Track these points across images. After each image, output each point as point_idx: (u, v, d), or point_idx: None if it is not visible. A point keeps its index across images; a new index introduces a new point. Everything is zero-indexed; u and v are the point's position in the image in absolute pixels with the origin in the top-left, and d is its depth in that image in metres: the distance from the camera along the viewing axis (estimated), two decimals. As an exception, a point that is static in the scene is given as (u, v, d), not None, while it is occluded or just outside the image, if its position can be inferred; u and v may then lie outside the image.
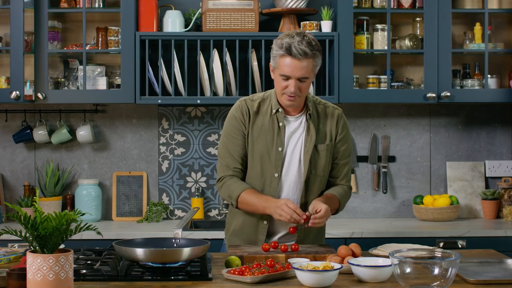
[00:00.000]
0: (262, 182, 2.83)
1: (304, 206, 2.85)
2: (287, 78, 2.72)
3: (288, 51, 2.69)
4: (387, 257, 2.35)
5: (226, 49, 3.89)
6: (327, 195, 2.84)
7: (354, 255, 2.47)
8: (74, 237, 2.75)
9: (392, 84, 4.07)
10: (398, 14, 4.14)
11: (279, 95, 2.80)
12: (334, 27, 3.97)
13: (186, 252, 2.32)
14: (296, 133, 2.84)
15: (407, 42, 4.03)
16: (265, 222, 2.84)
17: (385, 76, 4.03)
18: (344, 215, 4.23)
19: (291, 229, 2.72)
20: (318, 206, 2.69)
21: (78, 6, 3.96)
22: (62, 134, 4.09)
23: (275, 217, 2.70)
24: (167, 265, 2.32)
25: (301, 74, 2.71)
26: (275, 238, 2.87)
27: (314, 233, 2.92)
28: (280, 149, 2.81)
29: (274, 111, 2.83)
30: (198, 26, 4.05)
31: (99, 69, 4.07)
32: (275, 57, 2.74)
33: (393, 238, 3.63)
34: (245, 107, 2.86)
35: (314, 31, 3.96)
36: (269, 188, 2.82)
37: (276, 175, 2.82)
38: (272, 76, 2.82)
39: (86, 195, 4.05)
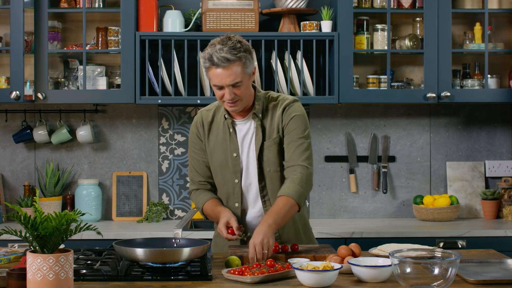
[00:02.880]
0: (225, 189, 2.86)
1: (264, 204, 2.84)
2: (221, 87, 2.71)
3: (211, 62, 2.67)
4: (387, 257, 2.35)
5: (226, 49, 3.89)
6: (275, 210, 2.66)
7: (354, 255, 2.47)
8: (74, 237, 2.76)
9: (392, 84, 4.07)
10: (398, 14, 4.14)
11: (222, 103, 2.79)
12: (334, 27, 3.97)
13: (186, 252, 2.32)
14: (247, 136, 2.84)
15: (407, 42, 4.03)
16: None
17: (385, 76, 4.03)
18: (344, 215, 4.24)
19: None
20: (250, 246, 2.54)
21: (78, 6, 3.96)
22: (62, 134, 4.09)
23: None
24: (167, 265, 2.32)
25: (231, 81, 2.67)
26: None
27: (290, 232, 2.89)
28: (235, 154, 2.83)
29: (224, 118, 2.84)
30: (198, 26, 4.05)
31: (99, 69, 4.07)
32: (205, 70, 2.74)
33: (393, 238, 3.63)
34: (200, 120, 2.90)
35: (314, 31, 3.96)
36: (232, 194, 2.85)
37: (236, 181, 2.84)
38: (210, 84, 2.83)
39: (86, 195, 4.05)
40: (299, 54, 3.90)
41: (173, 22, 3.96)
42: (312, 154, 2.82)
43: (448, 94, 3.93)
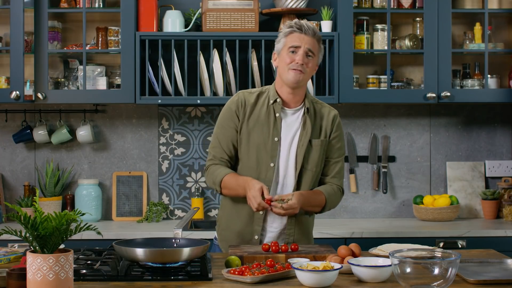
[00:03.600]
0: (257, 172, 2.84)
1: None
2: (295, 48, 2.78)
3: (298, 27, 2.79)
4: (387, 257, 2.35)
5: (226, 49, 3.89)
6: (314, 190, 2.88)
7: (354, 255, 2.47)
8: (74, 237, 2.76)
9: (392, 84, 4.07)
10: (398, 14, 4.14)
11: (285, 71, 2.81)
12: (334, 27, 3.97)
13: (186, 252, 2.32)
14: (292, 126, 2.87)
15: (407, 42, 4.03)
16: (261, 212, 2.85)
17: (385, 76, 4.03)
18: (344, 215, 4.24)
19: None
20: (286, 196, 2.73)
21: (78, 6, 3.96)
22: (62, 134, 4.09)
23: (248, 202, 2.76)
24: (167, 265, 2.32)
25: (309, 46, 2.79)
26: (269, 231, 2.88)
27: (300, 235, 2.91)
28: (276, 139, 2.84)
29: (271, 101, 2.85)
30: (198, 26, 4.05)
31: (99, 69, 4.07)
32: (282, 38, 2.82)
33: (393, 238, 3.63)
34: (242, 99, 2.89)
35: (314, 31, 3.96)
36: (264, 177, 2.83)
37: (272, 164, 2.83)
38: (275, 64, 2.87)
39: (86, 195, 4.05)
40: (299, 54, 3.90)
41: (173, 22, 3.96)
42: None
43: (448, 94, 3.93)
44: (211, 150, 2.92)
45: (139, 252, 2.29)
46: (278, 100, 2.85)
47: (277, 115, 2.85)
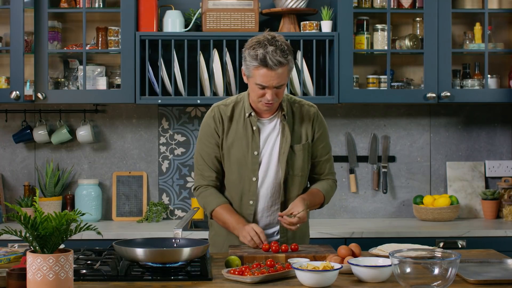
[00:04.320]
0: (241, 187, 2.84)
1: (283, 206, 2.86)
2: (263, 87, 2.71)
3: (264, 63, 2.66)
4: (387, 257, 2.35)
5: (226, 49, 3.90)
6: (312, 191, 2.89)
7: (354, 255, 2.47)
8: (74, 237, 2.76)
9: (392, 84, 4.07)
10: (398, 14, 4.14)
11: (255, 102, 2.78)
12: (334, 27, 3.97)
13: (186, 252, 2.32)
14: (271, 135, 2.84)
15: (407, 42, 4.03)
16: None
17: (385, 76, 4.03)
18: (344, 215, 4.24)
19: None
20: (296, 209, 2.73)
21: (78, 6, 3.96)
22: (62, 134, 4.09)
23: (240, 239, 2.76)
24: (167, 265, 2.32)
25: (278, 83, 2.70)
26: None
27: (298, 234, 2.92)
28: (255, 153, 2.82)
29: (247, 114, 2.83)
30: (198, 26, 4.05)
31: (99, 69, 4.07)
32: (249, 67, 2.71)
33: (393, 238, 3.63)
34: (218, 114, 2.85)
35: (314, 31, 3.96)
36: (248, 192, 2.84)
37: (254, 179, 2.83)
38: (245, 81, 2.80)
39: (86, 195, 4.05)
40: (299, 54, 3.90)
41: (173, 22, 3.96)
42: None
43: (448, 94, 3.93)
44: (198, 168, 2.91)
45: (139, 252, 2.29)
46: (253, 113, 2.82)
47: (254, 128, 2.82)
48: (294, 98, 2.93)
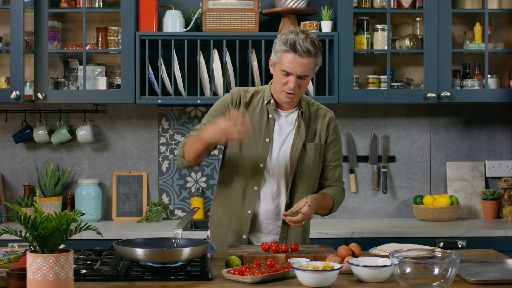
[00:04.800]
0: (247, 172, 2.83)
1: (289, 203, 2.85)
2: (288, 74, 2.72)
3: (293, 47, 2.70)
4: (387, 257, 2.35)
5: (226, 49, 3.90)
6: (323, 193, 2.88)
7: (354, 255, 2.47)
8: (74, 237, 2.76)
9: (392, 84, 4.07)
10: (398, 14, 4.14)
11: (278, 92, 2.79)
12: (334, 27, 3.97)
13: (186, 252, 2.32)
14: (286, 129, 2.85)
15: (407, 42, 4.03)
16: (249, 211, 2.84)
17: (385, 76, 4.03)
18: (344, 215, 4.24)
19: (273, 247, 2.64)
20: (301, 205, 2.71)
21: (78, 6, 3.96)
22: (62, 134, 4.09)
23: (217, 137, 2.61)
24: (167, 265, 2.32)
25: (302, 71, 2.71)
26: (260, 230, 2.87)
27: (297, 231, 2.91)
28: (267, 140, 2.82)
29: (266, 102, 2.84)
30: (198, 26, 4.05)
31: (99, 69, 4.07)
32: (278, 52, 2.75)
33: (393, 238, 3.63)
34: (238, 95, 2.87)
35: (314, 31, 3.96)
36: (253, 178, 2.82)
37: (261, 165, 2.82)
38: (271, 71, 2.82)
39: (86, 195, 4.05)
40: (299, 54, 3.90)
41: (173, 22, 3.96)
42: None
43: (448, 94, 3.93)
44: (193, 130, 2.83)
45: (139, 252, 2.29)
46: (272, 101, 2.83)
47: (270, 116, 2.83)
48: (313, 101, 2.95)
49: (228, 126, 2.56)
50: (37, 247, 1.99)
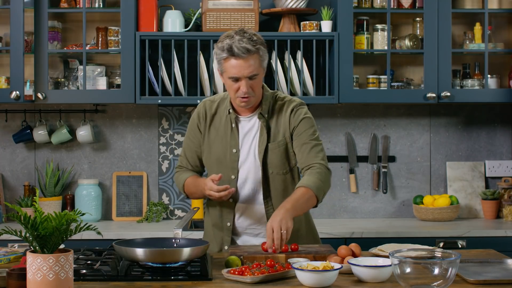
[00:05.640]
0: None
1: (267, 205, 2.83)
2: (237, 79, 2.69)
3: (231, 52, 2.65)
4: (387, 257, 2.35)
5: (226, 49, 3.89)
6: (293, 197, 2.65)
7: (354, 255, 2.47)
8: (74, 237, 2.75)
9: (392, 84, 4.07)
10: (398, 14, 4.14)
11: (233, 98, 2.77)
12: (334, 27, 3.97)
13: (186, 252, 2.31)
14: (250, 133, 2.82)
15: (407, 42, 4.03)
16: (228, 224, 2.86)
17: (385, 76, 4.03)
18: (344, 215, 4.24)
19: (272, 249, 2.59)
20: (271, 235, 2.53)
21: (78, 6, 3.96)
22: (62, 134, 4.09)
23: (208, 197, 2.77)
24: (167, 265, 2.32)
25: (249, 72, 2.67)
26: (241, 238, 2.88)
27: (303, 233, 2.90)
28: (234, 150, 2.81)
29: (227, 112, 2.83)
30: (198, 26, 4.05)
31: (99, 69, 4.07)
32: (220, 61, 2.71)
33: (393, 238, 3.63)
34: (203, 110, 2.87)
35: (314, 31, 3.96)
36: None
37: (233, 177, 2.81)
38: (222, 80, 2.79)
39: (86, 195, 4.05)
40: (299, 54, 3.90)
41: (173, 22, 3.96)
42: (326, 155, 2.82)
43: (448, 94, 3.93)
44: (179, 159, 2.98)
45: (139, 252, 2.29)
46: (231, 110, 2.81)
47: (233, 125, 2.81)
48: (281, 95, 2.87)
49: (214, 196, 2.71)
50: (37, 247, 1.99)
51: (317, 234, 3.01)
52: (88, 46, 4.01)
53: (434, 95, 3.92)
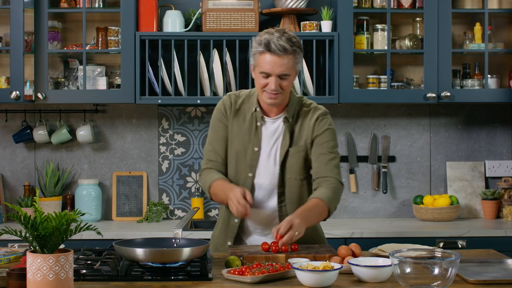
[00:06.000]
0: (235, 180, 2.80)
1: (280, 210, 2.82)
2: (267, 75, 2.68)
3: (267, 47, 2.65)
4: (387, 257, 2.35)
5: (226, 49, 3.90)
6: (308, 207, 2.69)
7: (354, 255, 2.47)
8: (74, 237, 2.76)
9: (392, 84, 4.07)
10: (398, 14, 4.14)
11: (260, 94, 2.75)
12: (334, 27, 3.97)
13: (186, 252, 2.32)
14: (273, 135, 2.81)
15: (407, 42, 4.03)
16: (235, 220, 2.84)
17: (385, 76, 4.03)
18: (344, 215, 4.24)
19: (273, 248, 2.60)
20: (282, 230, 2.57)
21: (78, 6, 3.96)
22: (62, 134, 4.09)
23: (228, 202, 2.67)
24: (167, 265, 2.32)
25: (281, 71, 2.66)
26: (250, 237, 2.87)
27: (308, 233, 2.89)
28: (256, 149, 2.79)
29: (253, 109, 2.81)
30: (198, 26, 4.05)
31: (99, 69, 4.07)
32: (255, 55, 2.70)
33: (393, 238, 3.63)
34: (229, 102, 2.84)
35: (314, 31, 3.96)
36: (244, 187, 2.76)
37: (250, 175, 2.80)
38: (253, 75, 2.78)
39: (86, 195, 4.05)
40: (299, 54, 3.90)
41: (173, 22, 3.96)
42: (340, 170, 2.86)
43: (448, 94, 3.93)
44: (205, 154, 2.88)
45: (139, 252, 2.29)
46: (258, 109, 2.79)
47: (258, 124, 2.79)
48: (307, 101, 2.86)
49: (232, 203, 2.62)
50: (37, 247, 1.99)
51: (323, 233, 3.00)
52: (88, 46, 4.01)
53: (434, 95, 3.92)
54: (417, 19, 4.12)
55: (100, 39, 4.00)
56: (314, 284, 2.18)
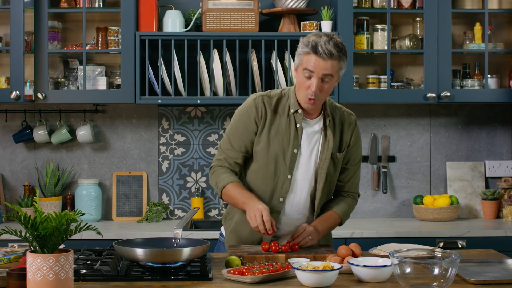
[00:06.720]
0: (274, 182, 2.77)
1: (311, 209, 2.83)
2: (310, 75, 2.65)
3: (314, 49, 2.63)
4: (387, 257, 2.35)
5: (226, 49, 3.90)
6: (326, 217, 2.84)
7: (354, 255, 2.47)
8: (74, 237, 2.76)
9: (392, 84, 4.07)
10: (398, 14, 4.14)
11: (300, 96, 2.72)
12: (334, 27, 3.97)
13: (186, 252, 2.32)
14: (313, 137, 2.78)
15: (407, 42, 4.03)
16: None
17: (385, 76, 4.03)
18: (344, 215, 4.23)
19: (273, 248, 2.63)
20: (301, 234, 2.72)
21: (78, 6, 3.96)
22: (62, 134, 4.09)
23: (247, 218, 2.66)
24: (167, 265, 2.32)
25: (325, 71, 2.63)
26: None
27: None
28: (295, 150, 2.75)
29: (292, 111, 2.76)
30: (198, 26, 4.05)
31: (99, 69, 4.07)
32: (300, 55, 2.68)
33: (393, 238, 3.63)
34: (262, 105, 2.77)
35: (314, 31, 3.96)
36: (280, 189, 2.76)
37: (289, 176, 2.76)
38: (295, 75, 2.74)
39: (86, 195, 4.05)
40: (299, 54, 3.90)
41: (173, 22, 3.96)
42: None
43: (448, 94, 3.93)
44: (223, 150, 2.81)
45: (139, 252, 2.29)
46: (300, 111, 2.75)
47: (298, 125, 2.75)
48: (334, 103, 2.87)
49: (257, 226, 2.62)
50: (37, 247, 1.99)
51: (330, 234, 3.00)
52: (88, 46, 4.01)
53: (434, 95, 3.92)
54: (417, 19, 4.12)
55: (100, 39, 4.00)
56: (314, 284, 2.18)
